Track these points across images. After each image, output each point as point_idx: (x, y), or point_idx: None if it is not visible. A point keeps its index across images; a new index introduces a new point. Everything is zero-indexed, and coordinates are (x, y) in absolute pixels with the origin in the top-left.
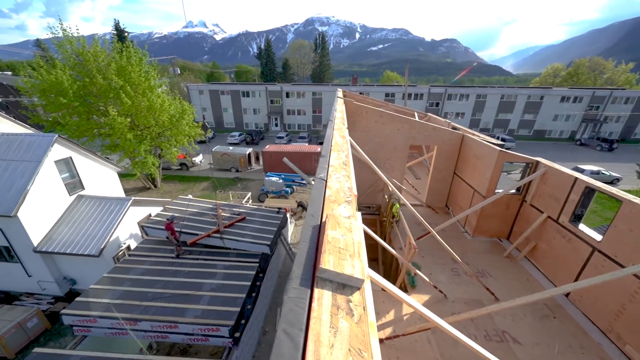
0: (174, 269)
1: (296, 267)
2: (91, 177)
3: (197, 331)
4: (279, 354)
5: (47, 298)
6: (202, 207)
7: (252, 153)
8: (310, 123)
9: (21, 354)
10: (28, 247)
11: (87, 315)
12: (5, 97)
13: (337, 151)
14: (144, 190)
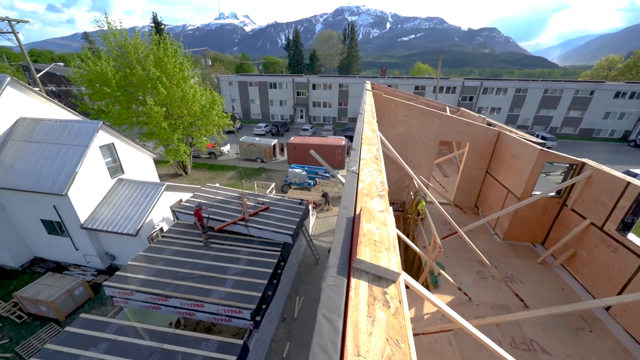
0: (202, 252)
1: (333, 256)
2: (130, 162)
3: (221, 312)
4: (320, 335)
5: (91, 270)
6: (228, 195)
7: (277, 144)
8: (335, 116)
9: (69, 317)
10: (76, 223)
11: (125, 288)
12: (58, 86)
13: (368, 145)
14: (175, 176)
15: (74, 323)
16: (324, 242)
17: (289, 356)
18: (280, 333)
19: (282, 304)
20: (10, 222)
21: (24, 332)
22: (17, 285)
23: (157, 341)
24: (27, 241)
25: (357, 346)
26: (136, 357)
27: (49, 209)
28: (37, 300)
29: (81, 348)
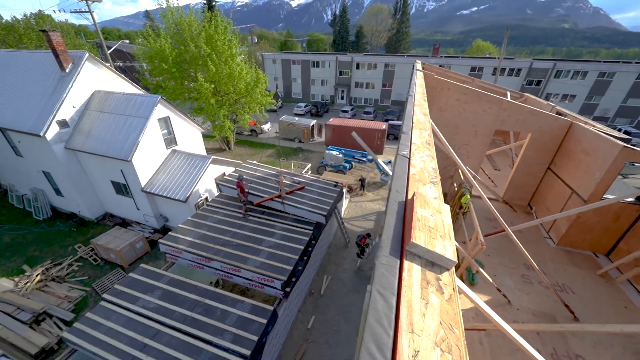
0: (241, 223)
1: (385, 237)
2: (182, 135)
3: (255, 278)
4: (375, 309)
5: (148, 228)
6: (266, 172)
7: (316, 125)
8: (377, 98)
9: (131, 266)
10: (137, 187)
11: (176, 247)
12: (124, 62)
13: (419, 129)
14: (220, 151)
15: (136, 271)
16: (355, 226)
17: (314, 327)
18: (307, 306)
19: (310, 280)
20: (88, 182)
21: (98, 272)
22: (93, 234)
23: (200, 296)
24: (101, 198)
25: (410, 324)
26: (183, 307)
27: (117, 172)
28: (108, 248)
29: (141, 292)
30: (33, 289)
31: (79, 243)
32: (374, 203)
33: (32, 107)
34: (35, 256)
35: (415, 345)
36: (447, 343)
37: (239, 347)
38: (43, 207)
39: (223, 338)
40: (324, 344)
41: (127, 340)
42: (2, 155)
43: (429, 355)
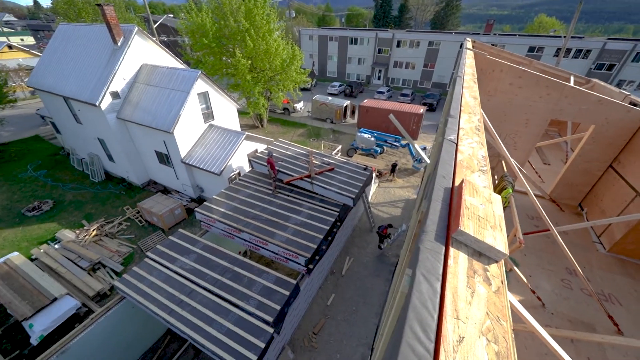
0: (270, 199)
1: (430, 222)
2: (219, 110)
3: (281, 253)
4: (419, 291)
5: (186, 197)
6: (296, 151)
7: (349, 106)
8: (417, 79)
9: (170, 229)
10: (178, 158)
11: (210, 216)
12: (168, 36)
13: (468, 113)
14: (253, 127)
15: (175, 234)
16: (382, 212)
17: (333, 304)
18: (328, 284)
19: (332, 260)
20: (136, 150)
21: (143, 233)
22: (139, 198)
23: (230, 263)
24: (146, 166)
25: (456, 310)
26: (215, 271)
27: (160, 143)
28: (151, 212)
29: (178, 254)
30: (90, 241)
31: (127, 205)
32: (403, 190)
33: (90, 78)
34: (91, 213)
35: (461, 331)
36: (493, 334)
37: (262, 314)
38: (98, 171)
39: (249, 303)
40: (341, 321)
41: (166, 295)
42: (66, 122)
43: (475, 342)
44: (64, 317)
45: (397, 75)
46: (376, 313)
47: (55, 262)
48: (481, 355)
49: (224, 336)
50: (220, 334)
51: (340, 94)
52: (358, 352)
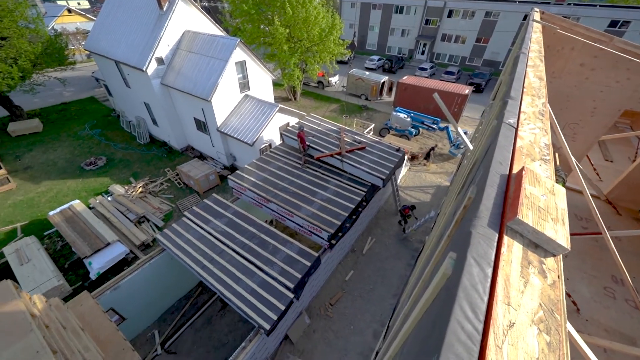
0: (298, 173)
1: (484, 208)
2: (255, 81)
3: (305, 226)
4: (469, 273)
5: (220, 164)
6: (328, 128)
7: (387, 82)
8: (466, 55)
9: (205, 193)
10: (214, 125)
11: (241, 184)
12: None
13: (531, 95)
14: (286, 100)
15: (209, 198)
16: (410, 196)
17: (351, 280)
18: (347, 261)
19: (354, 238)
20: (177, 116)
21: (180, 194)
22: (178, 162)
23: (257, 230)
24: (185, 132)
25: (507, 297)
26: (243, 236)
27: (198, 110)
28: (189, 176)
29: (212, 216)
30: (136, 197)
31: (167, 167)
32: (435, 176)
33: (138, 43)
34: (137, 172)
35: (511, 317)
36: (545, 325)
37: (284, 279)
38: (143, 133)
39: (272, 269)
40: (357, 297)
41: (200, 252)
42: (117, 85)
43: (526, 330)
44: (115, 260)
45: (444, 50)
46: (394, 294)
47: (108, 212)
48: (531, 342)
49: (248, 295)
50: (245, 292)
51: (378, 69)
52: (371, 327)
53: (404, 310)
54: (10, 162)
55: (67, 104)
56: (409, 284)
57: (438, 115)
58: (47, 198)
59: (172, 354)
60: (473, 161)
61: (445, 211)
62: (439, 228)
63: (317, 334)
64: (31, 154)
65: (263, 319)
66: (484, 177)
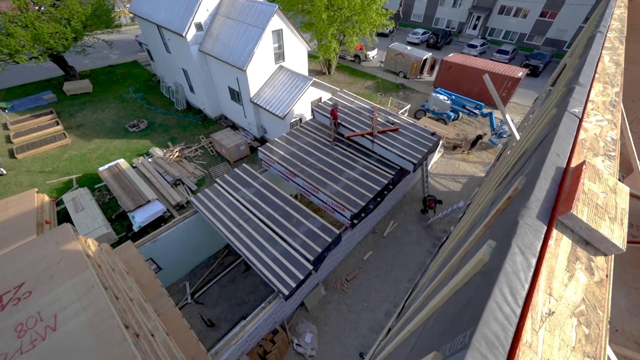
0: (327, 151)
1: (534, 199)
2: (290, 51)
3: (329, 203)
4: (512, 260)
5: (250, 135)
6: (360, 106)
7: (430, 59)
8: (526, 32)
9: (235, 163)
10: (247, 96)
11: (270, 157)
12: None
13: (603, 83)
14: (319, 74)
15: (239, 168)
16: (439, 184)
17: (368, 260)
18: (367, 241)
19: (376, 220)
20: (213, 84)
21: (212, 161)
22: (212, 130)
23: (282, 202)
24: (219, 101)
25: (549, 287)
26: (269, 206)
27: (233, 80)
28: (221, 144)
29: (241, 185)
30: (173, 161)
31: (202, 134)
32: (470, 165)
33: (179, 8)
34: (175, 137)
35: (551, 306)
36: (586, 318)
37: (305, 252)
38: (181, 100)
39: (294, 240)
40: (374, 277)
41: (229, 217)
42: (158, 50)
43: (565, 320)
44: (154, 216)
45: (500, 25)
46: (410, 279)
47: (149, 173)
48: (569, 332)
49: (270, 261)
50: (268, 258)
51: (421, 43)
52: (384, 306)
53: (426, 292)
54: (66, 119)
55: (113, 67)
56: (431, 270)
57: (482, 99)
58: (97, 155)
59: (200, 304)
60: (521, 152)
61: (480, 202)
62: (471, 217)
63: (331, 305)
64: (83, 112)
65: (283, 285)
66: (537, 168)
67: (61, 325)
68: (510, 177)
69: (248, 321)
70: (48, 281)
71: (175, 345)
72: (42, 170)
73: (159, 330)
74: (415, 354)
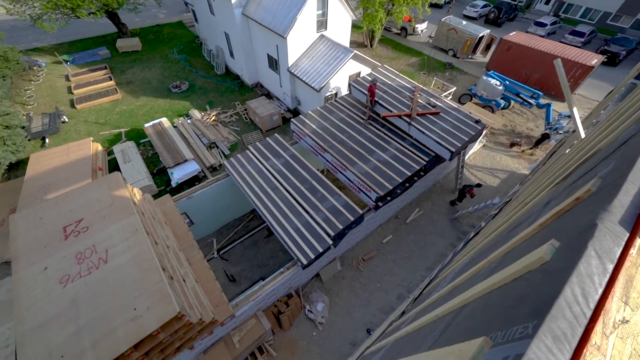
0: (359, 129)
1: (618, 203)
2: (333, 20)
3: (356, 182)
4: (587, 262)
5: (284, 106)
6: (400, 84)
7: (486, 37)
8: (612, 11)
9: (267, 132)
10: (285, 65)
11: (302, 129)
12: None
13: None
14: (361, 46)
15: (271, 137)
16: (475, 177)
17: (388, 244)
18: (389, 225)
19: (401, 205)
20: (252, 51)
21: (246, 128)
22: (247, 97)
23: (309, 176)
24: (257, 68)
25: (626, 296)
26: (296, 178)
27: (273, 47)
28: (255, 112)
29: (271, 154)
30: (210, 124)
31: (238, 101)
32: (514, 160)
33: None
34: (212, 101)
35: (626, 315)
36: None
37: (326, 226)
38: (221, 64)
39: (317, 214)
40: (390, 261)
41: (257, 184)
42: (203, 11)
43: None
44: (190, 175)
45: (579, 1)
46: (427, 268)
47: (187, 133)
48: None
49: (292, 231)
50: (290, 228)
51: (480, 18)
52: (397, 290)
53: (454, 283)
54: (118, 75)
55: (160, 26)
56: (456, 262)
57: (542, 88)
58: (143, 112)
59: (224, 260)
60: (591, 152)
61: (526, 200)
62: (514, 216)
63: (345, 281)
64: (132, 70)
65: (302, 254)
66: (623, 171)
67: (111, 259)
68: (575, 178)
69: (267, 282)
70: (101, 220)
71: (202, 292)
72: (96, 121)
73: (190, 277)
74: (449, 335)
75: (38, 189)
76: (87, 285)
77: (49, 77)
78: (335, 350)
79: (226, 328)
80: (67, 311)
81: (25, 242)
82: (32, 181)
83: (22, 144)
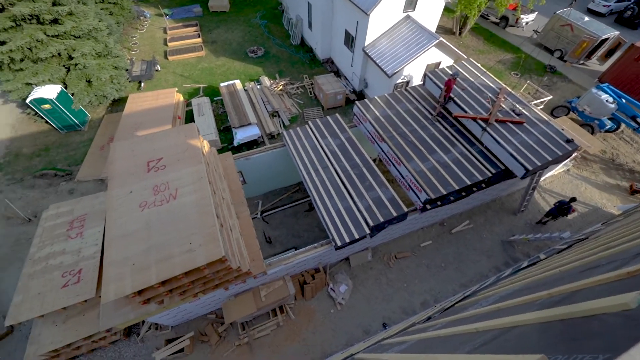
0: (424, 124)
1: None
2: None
3: (407, 179)
4: None
5: (350, 87)
6: (484, 83)
7: (612, 41)
8: None
9: (328, 110)
10: (361, 44)
11: (364, 114)
12: None
13: None
14: (447, 33)
15: (331, 117)
16: (544, 201)
17: (425, 249)
18: (431, 230)
19: (450, 214)
20: (331, 25)
21: (308, 102)
22: (316, 72)
23: (361, 162)
24: (332, 43)
25: None
26: (348, 162)
27: (352, 23)
28: (321, 89)
29: (328, 133)
30: (276, 93)
31: (306, 74)
32: (601, 195)
33: None
34: (282, 71)
35: None
36: None
37: (367, 215)
38: (297, 34)
39: (361, 202)
40: (424, 266)
41: (309, 159)
42: None
43: None
44: (251, 138)
45: None
46: (462, 284)
47: (255, 98)
48: None
49: (333, 211)
50: (332, 208)
51: (609, 15)
52: (423, 296)
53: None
54: (205, 34)
55: None
56: (502, 287)
57: None
58: (221, 72)
59: (265, 222)
60: None
61: (609, 244)
62: (589, 256)
63: (372, 272)
64: (218, 30)
65: (338, 235)
66: None
67: (180, 197)
68: None
69: (300, 252)
70: (176, 163)
71: (243, 245)
72: (181, 74)
73: (236, 229)
74: (493, 348)
75: (132, 126)
76: (158, 214)
77: (151, 28)
78: (348, 332)
79: (257, 281)
80: (142, 231)
81: (120, 167)
82: (127, 117)
83: (124, 84)
